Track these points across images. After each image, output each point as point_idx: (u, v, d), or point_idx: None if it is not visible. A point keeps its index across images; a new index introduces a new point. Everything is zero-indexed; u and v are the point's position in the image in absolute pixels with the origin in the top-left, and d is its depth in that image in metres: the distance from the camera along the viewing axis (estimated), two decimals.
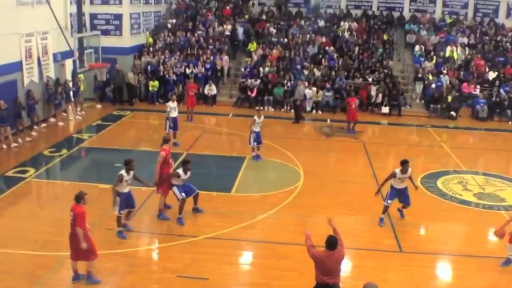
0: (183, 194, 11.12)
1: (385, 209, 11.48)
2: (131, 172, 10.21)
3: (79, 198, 8.47)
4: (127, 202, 10.31)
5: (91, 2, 23.36)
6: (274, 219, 11.66)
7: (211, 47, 25.46)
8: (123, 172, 10.10)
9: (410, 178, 11.34)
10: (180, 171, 11.08)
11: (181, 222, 11.18)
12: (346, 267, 9.97)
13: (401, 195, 11.41)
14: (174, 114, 16.42)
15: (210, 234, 10.69)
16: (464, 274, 9.65)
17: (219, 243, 10.37)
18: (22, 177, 13.61)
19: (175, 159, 15.27)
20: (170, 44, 25.63)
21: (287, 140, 18.12)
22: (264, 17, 28.60)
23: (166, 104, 16.99)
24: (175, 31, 26.58)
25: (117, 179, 10.03)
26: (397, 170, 11.12)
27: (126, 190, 10.21)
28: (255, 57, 25.12)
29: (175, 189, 11.13)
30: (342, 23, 27.99)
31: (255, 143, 15.58)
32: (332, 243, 7.17)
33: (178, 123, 16.71)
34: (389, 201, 11.36)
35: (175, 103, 16.62)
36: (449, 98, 22.35)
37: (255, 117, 15.58)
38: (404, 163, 11.08)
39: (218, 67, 24.53)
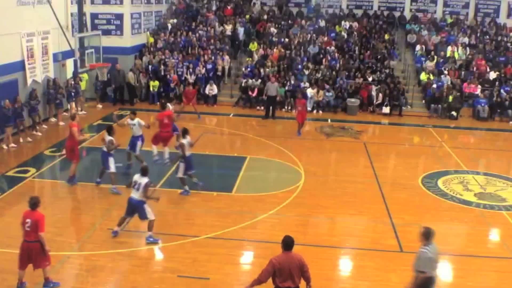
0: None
1: None
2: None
3: (35, 204, 8.28)
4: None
5: (92, 2, 23.31)
6: (275, 219, 11.65)
7: (212, 47, 25.43)
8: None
9: None
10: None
11: (117, 192, 12.44)
12: (347, 267, 10.02)
13: None
14: (138, 133, 14.35)
15: (211, 234, 10.69)
16: (466, 274, 9.65)
17: (220, 243, 10.37)
18: (23, 177, 13.62)
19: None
20: (171, 44, 25.62)
21: (288, 140, 18.11)
22: (265, 17, 28.60)
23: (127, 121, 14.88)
24: (176, 31, 26.58)
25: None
26: None
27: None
28: (256, 57, 25.12)
29: (111, 159, 12.60)
30: (343, 22, 28.00)
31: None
32: (289, 242, 7.24)
33: (138, 145, 14.37)
34: None
35: (136, 120, 14.33)
36: (450, 98, 22.33)
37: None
38: None
39: (219, 67, 24.51)
